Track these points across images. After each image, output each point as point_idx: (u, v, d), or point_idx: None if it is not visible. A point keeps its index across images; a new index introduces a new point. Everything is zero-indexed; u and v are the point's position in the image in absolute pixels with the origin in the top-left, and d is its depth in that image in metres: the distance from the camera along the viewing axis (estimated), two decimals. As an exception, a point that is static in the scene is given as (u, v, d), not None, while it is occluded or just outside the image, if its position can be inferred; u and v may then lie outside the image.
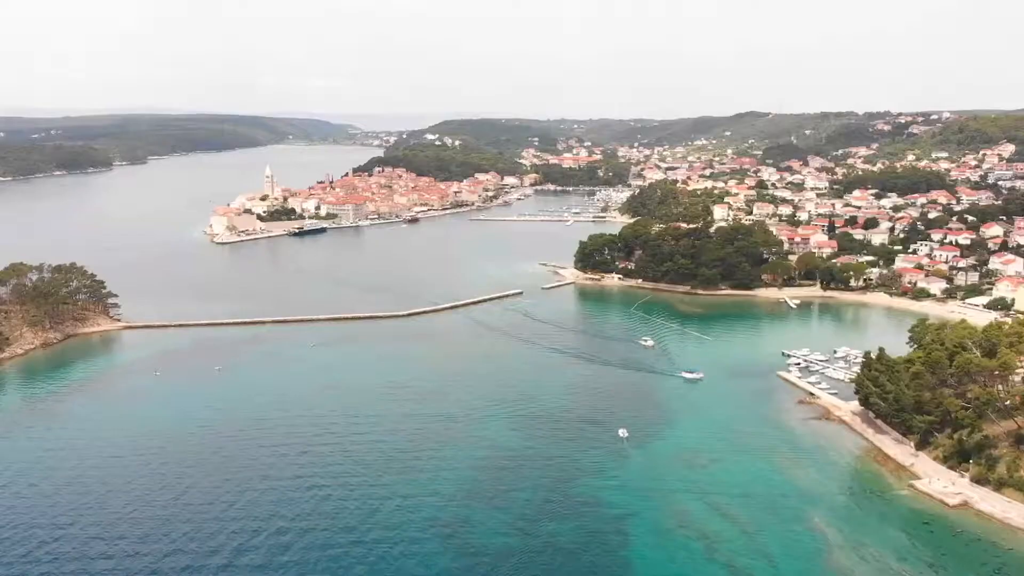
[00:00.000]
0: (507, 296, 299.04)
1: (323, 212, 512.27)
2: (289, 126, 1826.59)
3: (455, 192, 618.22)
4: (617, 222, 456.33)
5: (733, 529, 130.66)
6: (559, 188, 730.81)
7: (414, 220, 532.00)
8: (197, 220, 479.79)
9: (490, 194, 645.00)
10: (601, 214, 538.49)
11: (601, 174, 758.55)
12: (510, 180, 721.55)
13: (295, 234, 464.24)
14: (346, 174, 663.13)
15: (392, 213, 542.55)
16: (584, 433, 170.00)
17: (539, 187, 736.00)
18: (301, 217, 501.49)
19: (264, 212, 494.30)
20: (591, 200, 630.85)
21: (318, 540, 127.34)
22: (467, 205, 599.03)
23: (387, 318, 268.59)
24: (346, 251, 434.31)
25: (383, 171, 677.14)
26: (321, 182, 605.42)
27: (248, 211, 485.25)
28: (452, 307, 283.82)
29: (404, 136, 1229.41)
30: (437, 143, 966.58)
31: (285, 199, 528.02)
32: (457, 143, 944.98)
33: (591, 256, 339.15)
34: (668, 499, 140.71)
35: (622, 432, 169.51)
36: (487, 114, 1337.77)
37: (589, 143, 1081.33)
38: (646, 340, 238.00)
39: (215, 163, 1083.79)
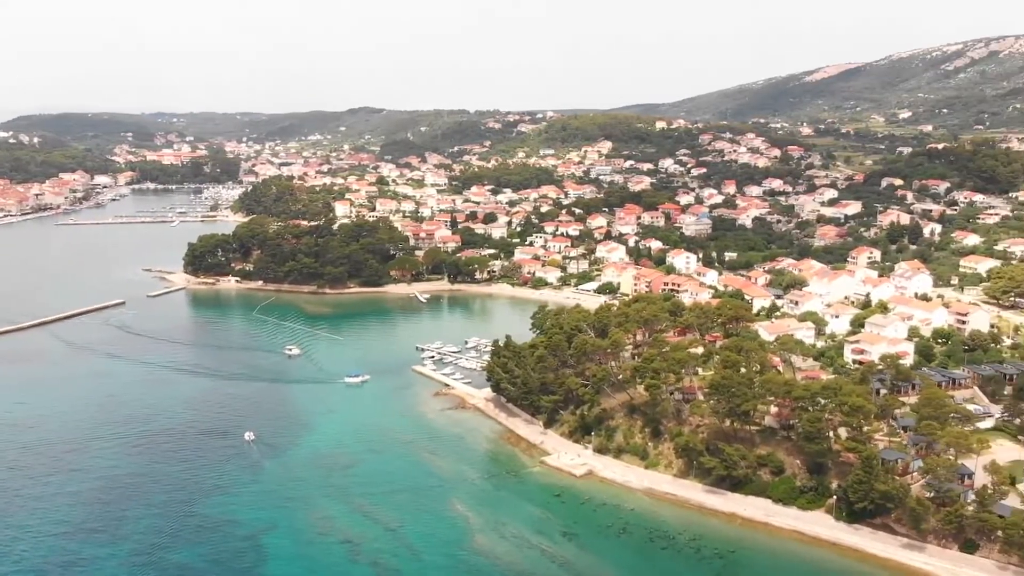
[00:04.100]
0: (106, 308, 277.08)
1: None
2: None
3: (36, 195, 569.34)
4: (230, 221, 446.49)
5: (376, 527, 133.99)
6: (160, 186, 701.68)
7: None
8: None
9: (79, 195, 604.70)
10: (211, 213, 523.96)
11: (208, 171, 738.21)
12: (102, 179, 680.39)
13: None
14: None
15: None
16: (214, 449, 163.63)
17: (137, 186, 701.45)
18: None
19: None
20: (198, 198, 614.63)
21: None
22: (52, 208, 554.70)
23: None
24: None
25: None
26: None
27: None
28: (39, 324, 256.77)
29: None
30: (12, 141, 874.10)
31: None
32: (36, 140, 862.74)
33: (203, 258, 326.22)
34: (307, 507, 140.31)
35: (248, 435, 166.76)
36: (69, 108, 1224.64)
37: (192, 138, 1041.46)
38: (291, 348, 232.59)
39: None
